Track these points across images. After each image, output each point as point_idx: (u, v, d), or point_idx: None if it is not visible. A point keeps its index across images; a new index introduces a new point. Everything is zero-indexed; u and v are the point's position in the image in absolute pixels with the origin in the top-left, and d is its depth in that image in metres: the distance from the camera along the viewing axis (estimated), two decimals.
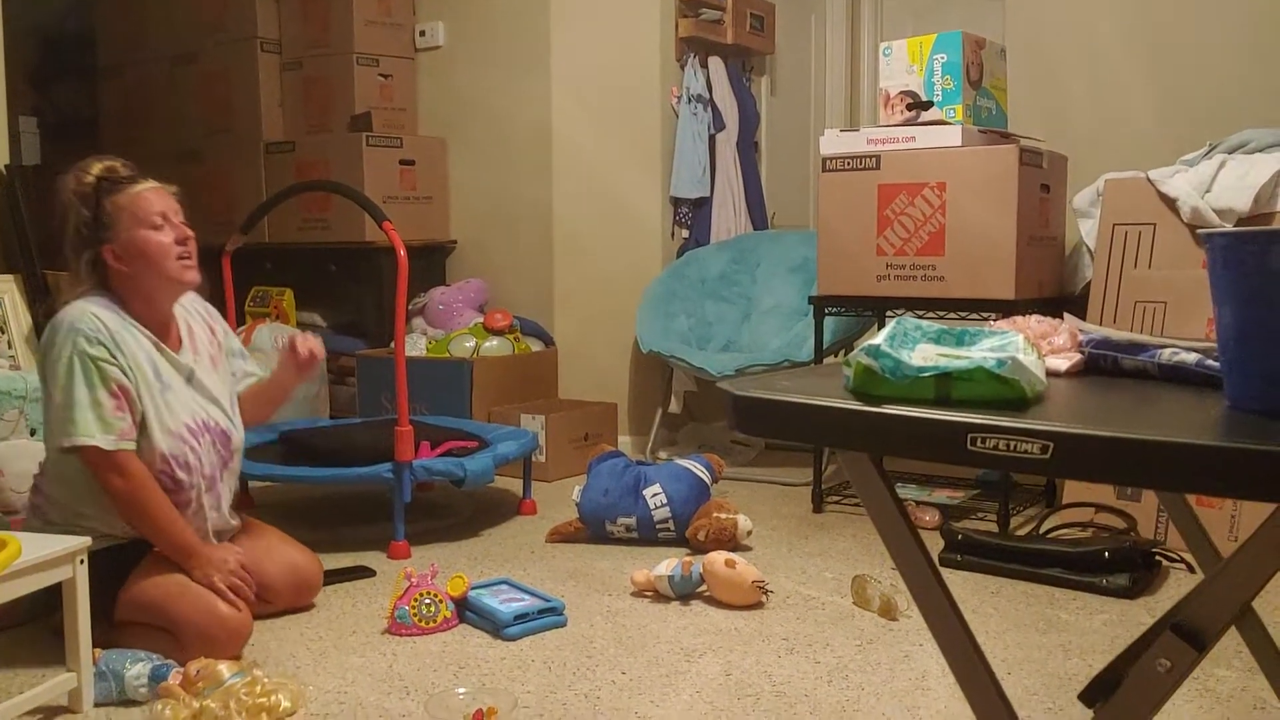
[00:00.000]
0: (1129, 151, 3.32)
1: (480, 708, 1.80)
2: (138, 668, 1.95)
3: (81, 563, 1.90)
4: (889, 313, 3.28)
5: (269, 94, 4.66)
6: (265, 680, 1.90)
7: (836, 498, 3.39)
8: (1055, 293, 3.12)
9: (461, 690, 1.93)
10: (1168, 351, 1.23)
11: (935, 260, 2.94)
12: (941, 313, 2.96)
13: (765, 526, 3.13)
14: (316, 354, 2.41)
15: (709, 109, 4.19)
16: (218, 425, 2.26)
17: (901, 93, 2.99)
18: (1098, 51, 3.46)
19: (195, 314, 2.35)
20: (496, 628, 2.29)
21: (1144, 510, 2.84)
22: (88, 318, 2.08)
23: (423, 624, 2.30)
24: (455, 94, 4.52)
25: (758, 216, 4.42)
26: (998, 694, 1.07)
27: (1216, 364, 1.13)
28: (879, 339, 1.11)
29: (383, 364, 3.96)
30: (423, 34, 4.57)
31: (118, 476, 2.07)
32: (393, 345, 3.42)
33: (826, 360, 3.41)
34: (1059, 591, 2.52)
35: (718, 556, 2.50)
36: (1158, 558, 2.62)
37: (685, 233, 4.23)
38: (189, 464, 2.17)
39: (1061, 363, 1.28)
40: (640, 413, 4.17)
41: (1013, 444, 0.93)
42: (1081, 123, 3.47)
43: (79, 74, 5.57)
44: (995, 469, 2.05)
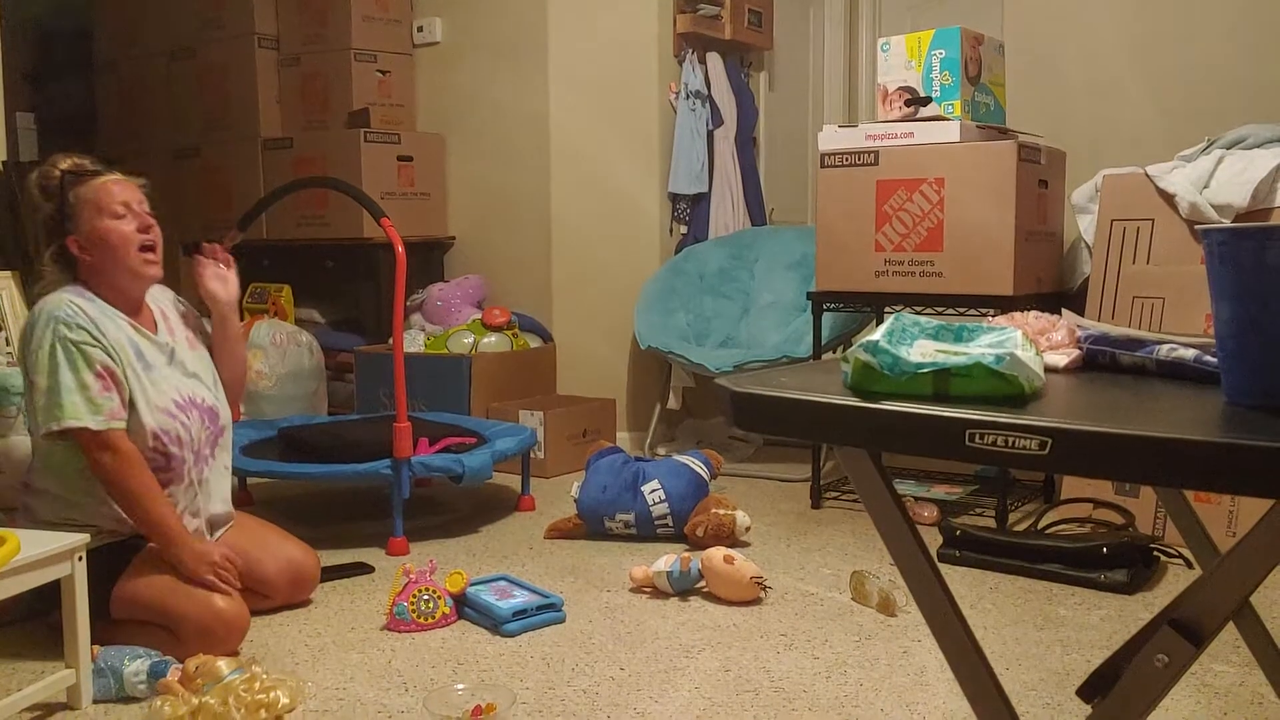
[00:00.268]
0: (1127, 147, 3.32)
1: (479, 704, 1.80)
2: (136, 664, 1.95)
3: (80, 559, 1.90)
4: (887, 309, 3.28)
5: (266, 90, 4.65)
6: (264, 676, 1.90)
7: (835, 493, 3.39)
8: (1053, 288, 3.12)
9: (460, 686, 1.93)
10: (1166, 347, 1.23)
11: (934, 256, 2.94)
12: (940, 308, 2.96)
13: (763, 522, 3.13)
14: (218, 258, 2.41)
15: (707, 105, 4.19)
16: (204, 401, 2.27)
17: (900, 88, 2.99)
18: (1096, 47, 3.45)
19: (166, 301, 2.38)
20: (495, 624, 2.29)
21: (1142, 506, 2.84)
22: (65, 305, 2.11)
23: (421, 620, 2.30)
24: (453, 90, 4.52)
25: (756, 212, 4.42)
26: (996, 689, 1.07)
27: (1214, 360, 1.13)
28: (877, 335, 1.11)
29: (381, 360, 3.96)
30: (420, 30, 4.56)
31: (108, 454, 2.08)
32: (391, 341, 3.42)
33: (825, 356, 3.40)
34: (1057, 587, 2.53)
35: (716, 552, 2.50)
36: (1156, 553, 2.62)
37: (684, 229, 4.23)
38: (180, 438, 2.18)
39: (1060, 359, 1.28)
40: (639, 409, 4.17)
41: (1011, 440, 0.93)
42: (1080, 118, 3.47)
43: (76, 70, 5.56)
44: (994, 465, 2.05)
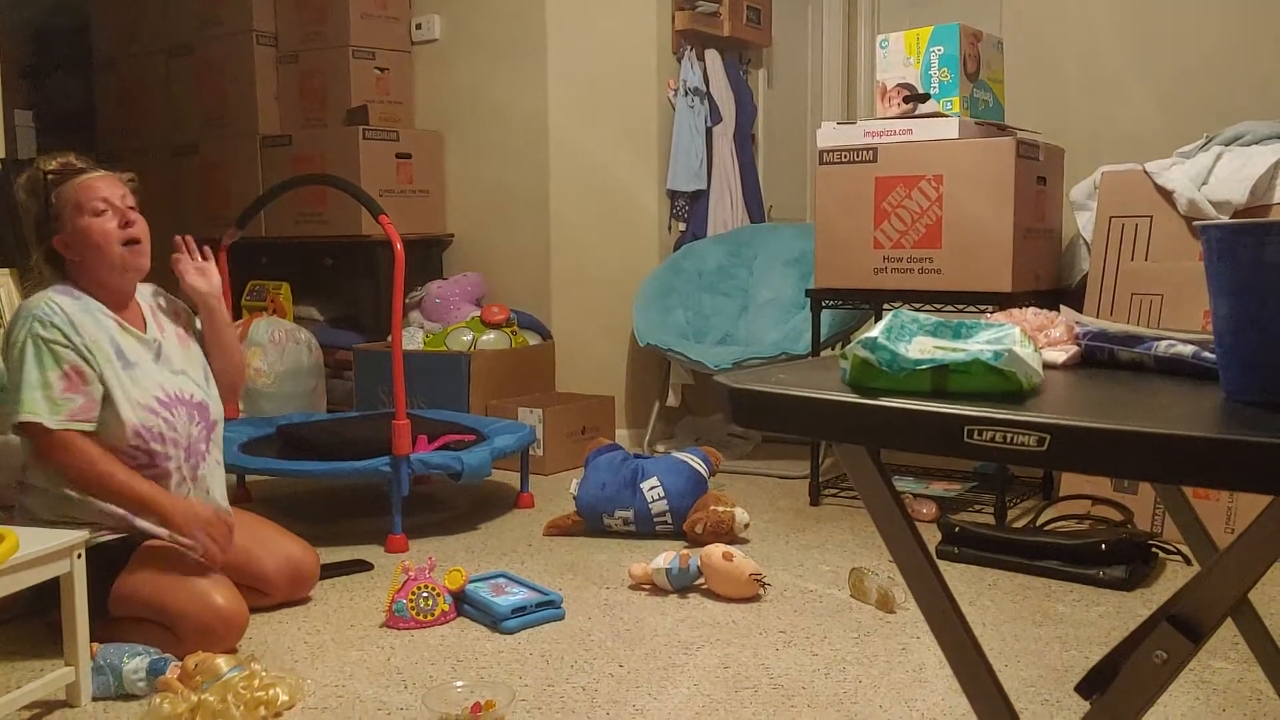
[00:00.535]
0: (1126, 144, 3.32)
1: (478, 701, 1.80)
2: (135, 662, 1.95)
3: (79, 557, 1.90)
4: (886, 305, 3.28)
5: (265, 87, 4.65)
6: (263, 674, 1.90)
7: (834, 490, 3.39)
8: (1052, 285, 3.12)
9: (460, 683, 1.93)
10: (1164, 344, 1.22)
11: (932, 253, 2.94)
12: (938, 305, 2.96)
13: (762, 519, 3.13)
14: (195, 251, 2.39)
15: (706, 102, 4.18)
16: (192, 397, 2.27)
17: (898, 85, 2.99)
18: (1095, 44, 3.45)
19: (161, 300, 2.37)
20: (494, 621, 2.29)
21: (1141, 502, 2.85)
22: (43, 304, 2.12)
23: (420, 617, 2.30)
24: (452, 87, 4.52)
25: (755, 209, 4.42)
26: (995, 686, 1.07)
27: (1213, 356, 1.13)
28: (876, 332, 1.11)
29: (380, 358, 3.96)
30: (419, 27, 4.56)
31: (61, 453, 2.07)
32: (390, 339, 3.42)
33: (824, 353, 3.41)
34: (1056, 584, 2.53)
35: (715, 549, 2.50)
36: (1154, 550, 2.62)
37: (682, 226, 4.23)
38: (163, 435, 2.17)
39: (1058, 355, 1.28)
40: (637, 406, 4.17)
41: (1010, 436, 0.93)
42: (1078, 115, 3.47)
43: (74, 67, 5.56)
44: (992, 461, 2.05)
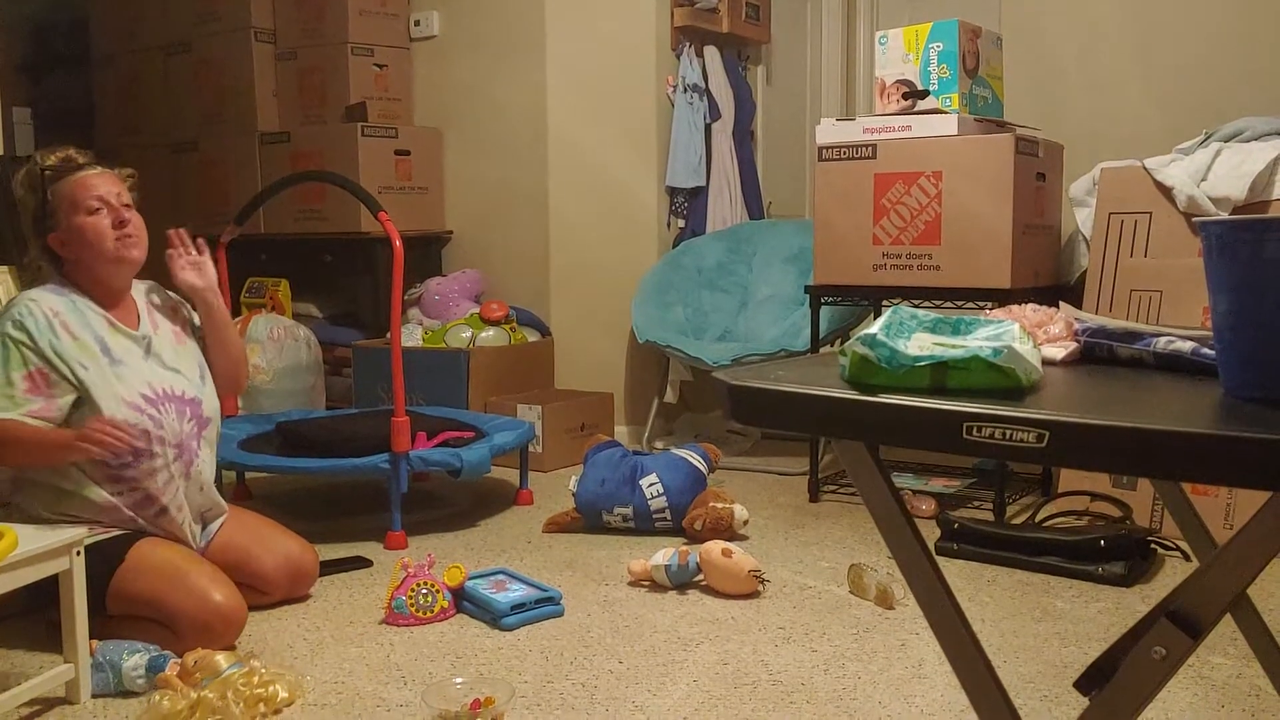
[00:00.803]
0: (1125, 140, 3.32)
1: (478, 697, 1.80)
2: (135, 659, 1.95)
3: (78, 554, 1.90)
4: (885, 302, 3.28)
5: (263, 84, 4.64)
6: (263, 671, 1.90)
7: (833, 487, 3.40)
8: (1051, 281, 3.12)
9: (459, 680, 1.93)
10: (1163, 340, 1.23)
11: (931, 249, 2.94)
12: (937, 302, 2.96)
13: (761, 516, 3.13)
14: (187, 243, 2.37)
15: (705, 98, 4.18)
16: (184, 394, 2.26)
17: (897, 82, 2.98)
18: (1094, 40, 3.45)
19: (157, 296, 2.37)
20: (494, 618, 2.29)
21: (1140, 498, 2.85)
22: (23, 303, 2.12)
23: (420, 614, 2.30)
24: (451, 84, 4.51)
25: (754, 206, 4.42)
26: (993, 682, 1.07)
27: (1212, 352, 1.13)
28: (875, 328, 1.11)
29: (379, 354, 3.96)
30: (418, 24, 4.55)
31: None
32: (389, 336, 3.42)
33: (823, 350, 3.41)
34: (1055, 580, 2.53)
35: (714, 546, 2.50)
36: (1153, 546, 2.63)
37: (681, 222, 4.22)
38: (148, 432, 2.16)
39: (1057, 351, 1.28)
40: (637, 402, 4.17)
41: (1009, 433, 0.93)
42: (1077, 111, 3.47)
43: (73, 64, 5.55)
44: (991, 458, 2.05)
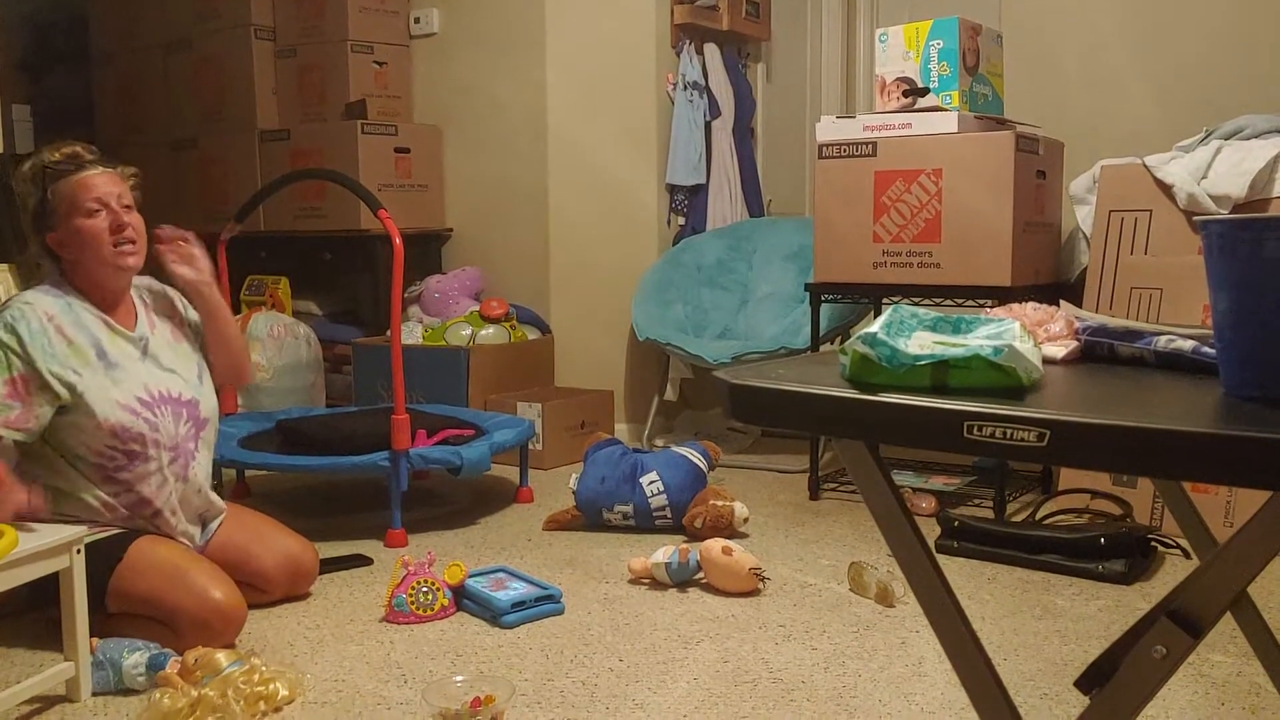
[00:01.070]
0: (1125, 138, 3.32)
1: (478, 695, 1.80)
2: (135, 657, 1.95)
3: (78, 552, 1.90)
4: (885, 300, 3.28)
5: (263, 81, 4.64)
6: (263, 669, 1.90)
7: (833, 485, 3.40)
8: (1051, 279, 3.12)
9: (459, 678, 1.93)
10: (1164, 338, 1.22)
11: (931, 247, 2.94)
12: (938, 300, 2.96)
13: (762, 514, 3.13)
14: (178, 237, 2.34)
15: (705, 96, 4.18)
16: (180, 395, 2.25)
17: (898, 79, 2.98)
18: (1094, 37, 3.45)
19: (155, 294, 2.36)
20: (494, 616, 2.29)
21: (1140, 496, 2.85)
22: (16, 305, 2.11)
23: (420, 612, 2.30)
24: (450, 81, 4.51)
25: (754, 204, 4.42)
26: (994, 680, 1.07)
27: (1212, 351, 1.13)
28: (875, 327, 1.11)
29: (379, 352, 3.96)
30: (417, 21, 4.55)
31: None
32: (389, 333, 3.42)
33: (823, 348, 3.41)
34: (1055, 578, 2.53)
35: (714, 544, 2.50)
36: (1153, 544, 2.63)
37: (681, 220, 4.22)
38: (143, 436, 2.15)
39: (1058, 350, 1.28)
40: (637, 400, 4.17)
41: (1009, 432, 0.93)
42: (1078, 109, 3.47)
43: (72, 62, 5.55)
44: (992, 457, 2.05)
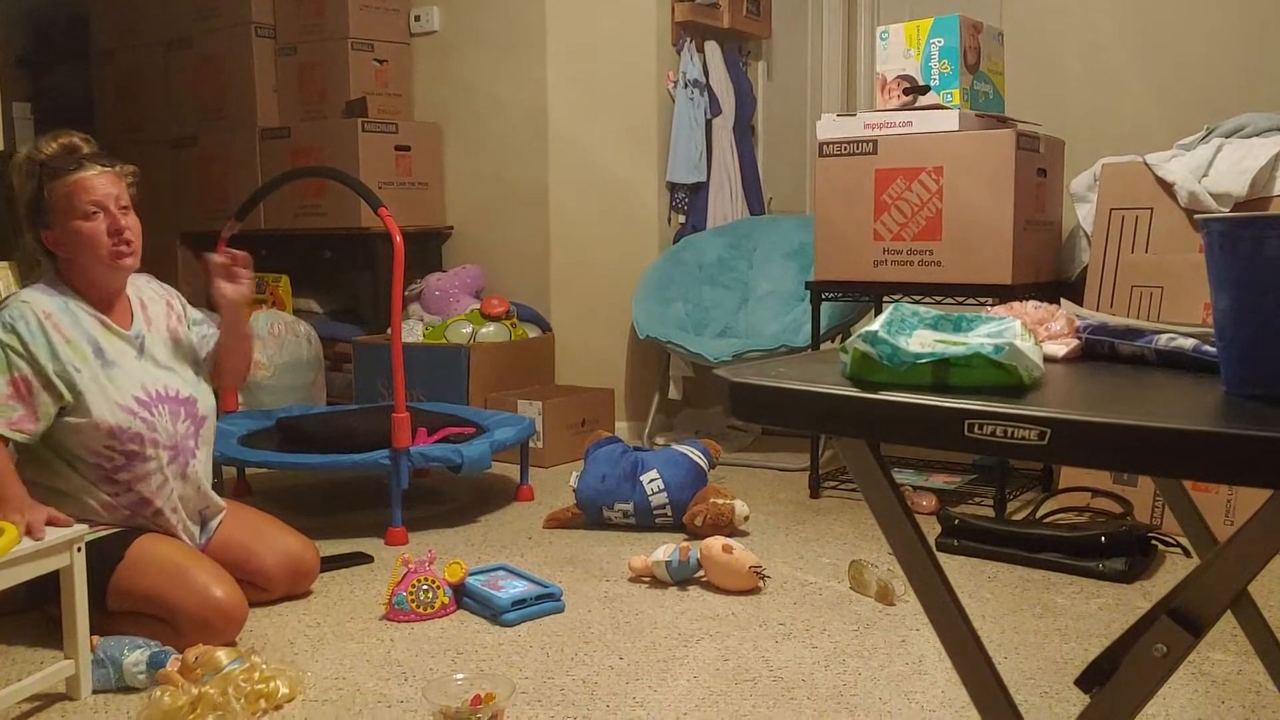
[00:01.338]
0: (1126, 136, 3.31)
1: (478, 693, 1.80)
2: (136, 655, 1.95)
3: (79, 550, 1.91)
4: (886, 298, 3.28)
5: (264, 79, 4.64)
6: (264, 667, 1.90)
7: (833, 483, 3.40)
8: (1052, 278, 3.12)
9: (460, 676, 1.93)
10: (1165, 337, 1.22)
11: (932, 245, 2.94)
12: (939, 298, 2.96)
13: (762, 512, 3.13)
14: (235, 258, 2.33)
15: (705, 94, 4.17)
16: (178, 393, 2.25)
17: (898, 77, 2.98)
18: (1095, 36, 3.45)
19: (151, 292, 2.36)
20: (494, 614, 2.29)
21: (1140, 495, 2.85)
22: (15, 305, 2.11)
23: (420, 610, 2.30)
24: (451, 79, 4.51)
25: (754, 202, 4.41)
26: (994, 678, 1.07)
27: (1213, 349, 1.13)
28: (876, 325, 1.11)
29: (379, 350, 3.96)
30: (418, 19, 4.55)
31: None
32: (389, 331, 3.42)
33: (823, 346, 3.40)
34: (1055, 576, 2.53)
35: (715, 542, 2.50)
36: (1154, 542, 2.62)
37: (682, 218, 4.22)
38: (141, 435, 2.15)
39: (1059, 348, 1.28)
40: (637, 398, 4.17)
41: (1010, 430, 0.93)
42: (1078, 107, 3.46)
43: (73, 59, 5.55)
44: (993, 455, 2.05)
